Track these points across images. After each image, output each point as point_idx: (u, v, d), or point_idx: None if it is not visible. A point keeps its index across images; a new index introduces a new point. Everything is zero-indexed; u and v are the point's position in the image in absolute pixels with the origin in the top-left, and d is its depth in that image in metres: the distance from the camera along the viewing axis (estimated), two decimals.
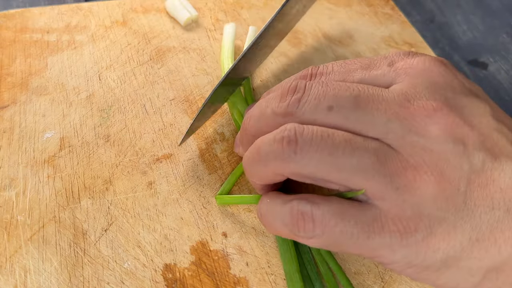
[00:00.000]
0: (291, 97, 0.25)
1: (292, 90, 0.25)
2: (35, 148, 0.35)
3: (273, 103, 0.26)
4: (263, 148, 0.25)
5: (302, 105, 0.24)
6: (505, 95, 0.46)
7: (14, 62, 0.41)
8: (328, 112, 0.24)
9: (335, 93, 0.24)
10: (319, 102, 0.24)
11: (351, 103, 0.23)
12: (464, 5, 0.56)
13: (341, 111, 0.23)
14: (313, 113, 0.24)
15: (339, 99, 0.24)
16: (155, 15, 0.48)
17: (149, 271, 0.29)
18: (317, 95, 0.24)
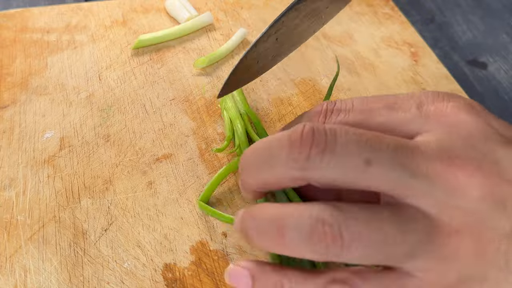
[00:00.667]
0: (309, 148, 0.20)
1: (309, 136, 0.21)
2: (35, 148, 0.35)
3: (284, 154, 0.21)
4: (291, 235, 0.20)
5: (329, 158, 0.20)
6: (504, 95, 0.46)
7: (14, 62, 0.41)
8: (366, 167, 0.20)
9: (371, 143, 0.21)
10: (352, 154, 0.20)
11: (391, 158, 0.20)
12: (464, 5, 0.56)
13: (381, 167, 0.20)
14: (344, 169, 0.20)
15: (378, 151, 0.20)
16: (155, 15, 0.48)
17: (149, 271, 0.29)
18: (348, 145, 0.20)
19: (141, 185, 0.33)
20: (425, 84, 0.43)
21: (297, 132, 0.21)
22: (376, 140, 0.21)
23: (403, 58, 0.46)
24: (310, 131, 0.21)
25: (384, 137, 0.21)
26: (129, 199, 0.32)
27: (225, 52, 0.43)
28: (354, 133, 0.21)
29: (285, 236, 0.20)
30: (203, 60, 0.42)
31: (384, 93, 0.42)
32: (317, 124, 0.21)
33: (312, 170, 0.20)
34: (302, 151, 0.20)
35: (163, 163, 0.35)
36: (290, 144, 0.21)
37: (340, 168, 0.20)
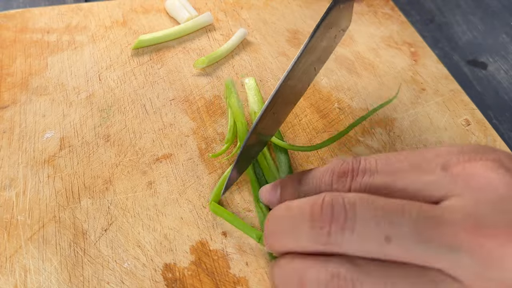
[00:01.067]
0: (329, 224, 0.21)
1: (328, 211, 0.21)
2: (35, 148, 0.35)
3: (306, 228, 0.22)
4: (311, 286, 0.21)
5: (349, 235, 0.20)
6: (504, 95, 0.46)
7: (14, 62, 0.41)
8: (386, 244, 0.20)
9: (390, 219, 0.20)
10: (372, 232, 0.20)
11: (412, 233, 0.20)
12: (463, 5, 0.56)
13: (401, 243, 0.20)
14: (365, 246, 0.20)
15: (397, 227, 0.20)
16: (155, 15, 0.48)
17: (149, 271, 0.29)
18: (366, 222, 0.20)
19: (141, 185, 0.33)
20: (425, 84, 0.43)
21: (317, 204, 0.22)
22: (396, 214, 0.20)
23: (403, 58, 0.46)
24: (329, 205, 0.21)
25: (405, 209, 0.21)
26: (129, 199, 0.32)
27: (225, 52, 0.44)
28: (373, 206, 0.21)
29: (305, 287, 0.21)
30: (203, 60, 0.42)
31: (384, 93, 0.42)
32: (337, 197, 0.21)
33: (334, 245, 0.21)
34: (323, 226, 0.21)
35: (163, 163, 0.35)
36: (312, 218, 0.22)
37: (360, 245, 0.21)
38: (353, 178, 0.24)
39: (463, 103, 0.42)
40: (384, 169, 0.23)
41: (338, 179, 0.24)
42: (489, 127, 0.40)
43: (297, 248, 0.23)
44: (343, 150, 0.37)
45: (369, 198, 0.21)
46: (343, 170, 0.24)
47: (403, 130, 0.39)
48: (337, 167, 0.25)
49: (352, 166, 0.24)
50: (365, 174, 0.24)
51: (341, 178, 0.24)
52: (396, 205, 0.21)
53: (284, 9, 0.50)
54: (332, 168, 0.25)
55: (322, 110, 0.40)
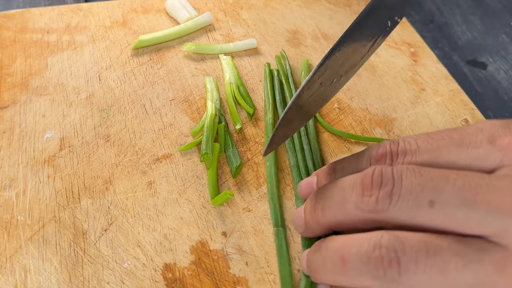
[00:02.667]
0: (378, 191, 0.21)
1: (377, 180, 0.22)
2: (35, 148, 0.35)
3: (355, 196, 0.22)
4: (352, 261, 0.21)
5: (395, 201, 0.21)
6: (504, 95, 0.46)
7: (14, 62, 0.41)
8: (430, 209, 0.20)
9: (434, 184, 0.20)
10: (416, 197, 0.20)
11: (457, 197, 0.20)
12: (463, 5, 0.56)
13: (445, 207, 0.20)
14: (410, 211, 0.21)
15: (441, 192, 0.20)
16: (155, 15, 0.48)
17: (149, 271, 0.29)
18: (412, 188, 0.21)
19: (141, 185, 0.33)
20: (425, 84, 0.43)
21: (368, 175, 0.22)
22: (440, 180, 0.21)
23: (403, 58, 0.46)
24: (379, 174, 0.22)
25: (450, 176, 0.21)
26: (129, 199, 0.32)
27: (219, 50, 0.44)
28: (419, 174, 0.21)
29: (347, 264, 0.21)
30: (191, 45, 0.43)
31: (384, 93, 0.42)
32: (386, 167, 0.22)
33: (381, 212, 0.21)
34: (372, 193, 0.21)
35: (163, 163, 0.35)
36: (362, 187, 0.22)
37: (406, 210, 0.21)
38: (395, 160, 0.24)
39: (463, 103, 0.42)
40: (426, 148, 0.23)
41: (376, 163, 0.24)
42: None
43: (344, 217, 0.23)
44: (343, 150, 0.37)
45: (416, 167, 0.22)
46: (381, 153, 0.24)
47: (402, 130, 0.39)
48: (374, 151, 0.25)
49: (391, 149, 0.24)
50: (406, 155, 0.23)
51: (382, 161, 0.24)
52: (441, 173, 0.21)
53: (284, 9, 0.50)
54: (369, 153, 0.25)
55: (322, 110, 0.40)
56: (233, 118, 0.38)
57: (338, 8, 0.51)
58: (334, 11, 0.51)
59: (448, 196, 0.20)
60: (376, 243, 0.21)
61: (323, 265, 0.23)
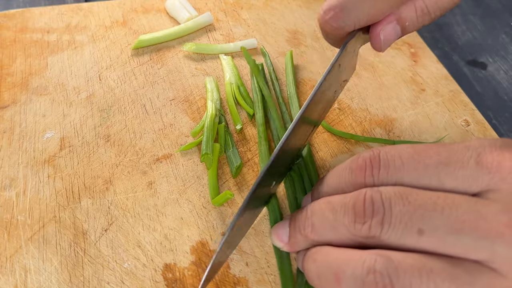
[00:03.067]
0: (370, 219, 0.22)
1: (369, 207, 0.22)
2: (35, 148, 0.35)
3: (347, 222, 0.23)
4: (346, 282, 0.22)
5: (387, 229, 0.21)
6: (504, 95, 0.46)
7: (15, 62, 0.41)
8: (419, 236, 0.21)
9: (423, 212, 0.21)
10: (406, 226, 0.21)
11: (445, 225, 0.20)
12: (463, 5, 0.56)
13: (434, 235, 0.20)
14: (400, 238, 0.21)
15: (429, 220, 0.21)
16: (155, 15, 0.48)
17: (149, 271, 0.29)
18: (401, 216, 0.21)
19: (141, 185, 0.33)
20: (425, 84, 0.43)
21: (359, 200, 0.23)
22: (428, 207, 0.21)
23: (403, 58, 0.46)
24: (370, 201, 0.22)
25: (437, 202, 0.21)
26: (129, 199, 0.32)
27: (219, 50, 0.44)
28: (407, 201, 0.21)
29: (341, 283, 0.22)
30: (191, 45, 0.43)
31: (384, 93, 0.42)
32: (375, 192, 0.22)
33: (373, 238, 0.22)
34: (365, 220, 0.22)
35: (163, 163, 0.35)
36: (354, 212, 0.23)
37: (396, 238, 0.21)
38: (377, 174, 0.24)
39: (463, 103, 0.42)
40: (412, 166, 0.23)
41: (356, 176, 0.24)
42: (489, 128, 0.40)
43: (336, 240, 0.24)
44: (343, 150, 0.37)
45: (404, 192, 0.22)
46: (360, 166, 0.24)
47: (402, 131, 0.39)
48: (354, 164, 0.25)
49: (371, 162, 0.24)
50: (389, 170, 0.23)
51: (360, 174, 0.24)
52: (429, 198, 0.21)
53: (284, 9, 0.50)
54: (350, 165, 0.25)
55: None
56: (233, 118, 0.38)
57: None
58: None
59: (436, 224, 0.20)
60: (370, 267, 0.21)
61: (318, 278, 0.24)
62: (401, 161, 0.23)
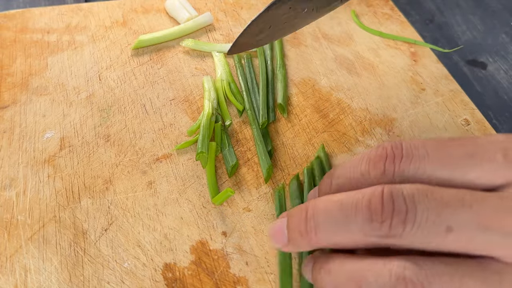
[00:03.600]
0: (390, 218, 0.20)
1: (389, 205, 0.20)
2: (35, 148, 0.35)
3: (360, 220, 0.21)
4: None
5: (410, 228, 0.20)
6: (504, 95, 0.46)
7: (15, 62, 0.41)
8: (447, 234, 0.20)
9: (451, 210, 0.20)
10: (433, 224, 0.20)
11: (473, 222, 0.19)
12: (463, 5, 0.56)
13: (463, 232, 0.19)
14: (426, 238, 0.20)
15: (458, 217, 0.19)
16: (155, 15, 0.48)
17: (149, 271, 0.29)
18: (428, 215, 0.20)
19: (141, 185, 0.33)
20: (425, 84, 0.43)
21: (376, 196, 0.21)
22: (456, 203, 0.20)
23: (403, 58, 0.46)
24: (389, 197, 0.20)
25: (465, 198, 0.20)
26: (129, 199, 0.32)
27: (217, 48, 0.44)
28: (433, 198, 0.20)
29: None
30: (189, 42, 0.43)
31: (384, 93, 0.42)
32: (396, 188, 0.20)
33: (393, 238, 0.20)
34: (384, 219, 0.20)
35: (163, 163, 0.35)
36: (370, 211, 0.20)
37: (422, 236, 0.20)
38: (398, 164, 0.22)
39: (463, 103, 0.42)
40: (436, 156, 0.21)
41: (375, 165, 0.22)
42: (489, 127, 0.40)
43: (345, 241, 0.22)
44: (343, 150, 0.37)
45: (428, 189, 0.20)
46: (380, 155, 0.22)
47: (402, 130, 0.39)
48: (373, 153, 0.23)
49: (393, 151, 0.22)
50: (413, 160, 0.22)
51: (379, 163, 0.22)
52: (455, 195, 0.20)
53: None
54: (368, 155, 0.23)
55: (322, 110, 0.40)
56: (223, 114, 0.38)
57: (338, 8, 0.51)
58: (334, 11, 0.51)
59: (465, 220, 0.19)
60: (399, 275, 0.20)
61: None
62: (425, 150, 0.22)
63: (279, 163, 0.35)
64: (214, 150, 0.34)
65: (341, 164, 0.26)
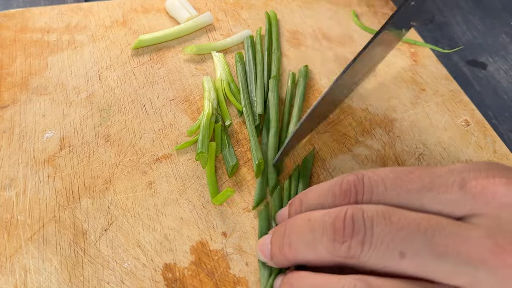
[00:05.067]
0: (350, 238, 0.21)
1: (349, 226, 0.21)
2: (35, 148, 0.35)
3: (325, 241, 0.22)
4: None
5: (367, 250, 0.21)
6: (504, 95, 0.46)
7: (14, 62, 0.41)
8: (401, 259, 0.20)
9: (405, 234, 0.20)
10: (387, 248, 0.20)
11: (427, 248, 0.20)
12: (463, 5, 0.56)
13: (416, 258, 0.20)
14: (381, 260, 0.21)
15: (411, 243, 0.20)
16: (155, 15, 0.48)
17: (149, 271, 0.29)
18: (383, 237, 0.20)
19: (141, 185, 0.33)
20: (425, 84, 0.43)
21: (339, 218, 0.22)
22: (411, 229, 0.20)
23: (403, 58, 0.46)
24: (350, 219, 0.21)
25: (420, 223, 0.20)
26: (129, 199, 0.32)
27: (219, 46, 0.44)
28: (389, 221, 0.21)
29: None
30: (192, 48, 0.43)
31: (384, 93, 0.42)
32: (357, 211, 0.21)
33: (353, 259, 0.21)
34: (344, 240, 0.21)
35: (163, 163, 0.35)
36: (333, 231, 0.22)
37: (377, 259, 0.21)
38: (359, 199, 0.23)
39: (463, 103, 0.42)
40: (395, 191, 0.22)
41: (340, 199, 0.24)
42: (489, 128, 0.40)
43: (315, 260, 0.23)
44: (343, 151, 0.37)
45: (387, 211, 0.21)
46: (345, 190, 0.24)
47: (402, 131, 0.39)
48: (337, 188, 0.24)
49: (355, 187, 0.23)
50: (373, 195, 0.23)
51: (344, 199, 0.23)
52: (412, 219, 0.21)
53: (284, 9, 0.50)
54: (333, 189, 0.24)
55: None
56: (223, 114, 0.38)
57: (338, 8, 0.51)
58: (334, 11, 0.51)
59: (418, 246, 0.20)
60: None
61: None
62: (384, 186, 0.23)
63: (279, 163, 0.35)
64: (214, 150, 0.34)
65: (308, 190, 0.27)
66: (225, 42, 0.44)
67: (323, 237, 0.22)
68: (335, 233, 0.22)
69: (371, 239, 0.21)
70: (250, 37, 0.45)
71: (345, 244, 0.21)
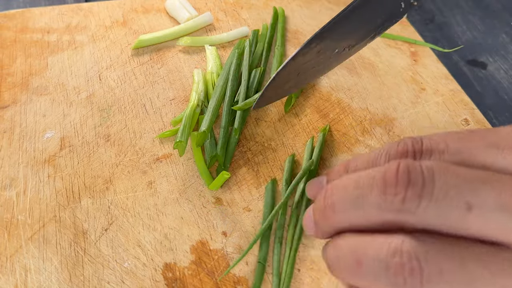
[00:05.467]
0: (404, 190, 0.18)
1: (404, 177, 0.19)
2: (35, 148, 0.35)
3: (374, 194, 0.19)
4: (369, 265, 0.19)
5: (426, 204, 0.18)
6: (504, 95, 0.46)
7: (15, 62, 0.41)
8: (466, 212, 0.18)
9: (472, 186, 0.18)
10: (452, 200, 0.18)
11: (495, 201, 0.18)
12: (463, 5, 0.56)
13: (483, 211, 0.18)
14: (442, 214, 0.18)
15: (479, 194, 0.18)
16: (155, 15, 0.48)
17: (149, 270, 0.29)
18: (447, 189, 0.18)
19: (141, 184, 0.33)
20: (425, 83, 0.43)
21: (392, 170, 0.19)
22: (479, 181, 0.18)
23: (403, 58, 0.46)
24: (405, 170, 0.19)
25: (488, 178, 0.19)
26: (129, 199, 0.32)
27: (215, 40, 0.44)
28: (454, 173, 0.19)
29: (363, 267, 0.19)
30: (186, 39, 0.43)
31: (384, 92, 0.42)
32: (413, 162, 0.19)
33: (407, 214, 0.19)
34: (397, 192, 0.19)
35: (163, 162, 0.35)
36: (384, 183, 0.19)
37: (438, 214, 0.18)
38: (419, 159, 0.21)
39: (463, 103, 0.42)
40: (457, 148, 0.20)
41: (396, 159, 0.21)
42: (489, 127, 0.40)
43: (361, 219, 0.20)
44: (343, 150, 0.37)
45: (448, 166, 0.19)
46: (401, 151, 0.21)
47: (403, 130, 0.39)
48: (393, 149, 0.22)
49: (413, 147, 0.21)
50: (433, 154, 0.21)
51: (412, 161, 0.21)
52: (478, 174, 0.19)
53: (284, 9, 0.50)
54: (387, 150, 0.22)
55: (322, 110, 0.40)
56: None
57: (338, 8, 0.51)
58: (334, 11, 0.51)
59: (487, 198, 0.18)
60: (397, 248, 0.18)
61: (337, 263, 0.21)
62: (445, 144, 0.21)
63: (279, 163, 0.35)
64: (197, 139, 0.34)
65: (358, 156, 0.25)
66: (221, 36, 0.45)
67: (372, 192, 0.19)
68: (386, 185, 0.19)
69: (431, 191, 0.18)
70: (256, 30, 0.46)
71: (399, 197, 0.18)
